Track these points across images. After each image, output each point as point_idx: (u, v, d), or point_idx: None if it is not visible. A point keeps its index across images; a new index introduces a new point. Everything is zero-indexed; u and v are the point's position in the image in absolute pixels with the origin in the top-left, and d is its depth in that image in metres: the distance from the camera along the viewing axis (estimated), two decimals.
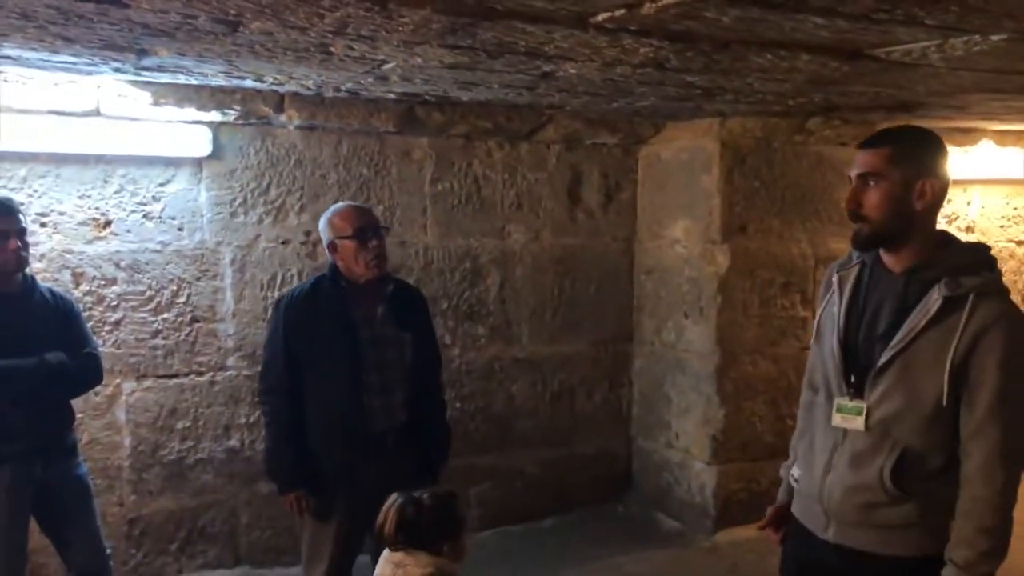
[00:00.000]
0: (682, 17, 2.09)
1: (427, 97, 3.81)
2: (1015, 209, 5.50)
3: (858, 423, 2.03)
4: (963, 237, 5.33)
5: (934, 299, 1.94)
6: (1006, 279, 5.52)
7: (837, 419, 2.08)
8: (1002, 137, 5.01)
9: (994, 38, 2.26)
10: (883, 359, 1.99)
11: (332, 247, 3.01)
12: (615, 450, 5.08)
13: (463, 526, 2.31)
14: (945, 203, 5.31)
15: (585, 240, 4.89)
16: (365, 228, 2.97)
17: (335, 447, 2.97)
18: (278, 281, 4.10)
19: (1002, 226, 5.48)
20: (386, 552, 2.26)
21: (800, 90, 3.29)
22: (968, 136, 4.93)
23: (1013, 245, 5.51)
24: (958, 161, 5.12)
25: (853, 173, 2.04)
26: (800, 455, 2.25)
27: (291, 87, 3.55)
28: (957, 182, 5.24)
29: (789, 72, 2.85)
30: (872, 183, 1.99)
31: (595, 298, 4.94)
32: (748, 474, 4.62)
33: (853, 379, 2.05)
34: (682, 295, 4.72)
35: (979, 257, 2.05)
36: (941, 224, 5.33)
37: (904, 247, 2.03)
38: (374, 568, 3.10)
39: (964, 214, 5.36)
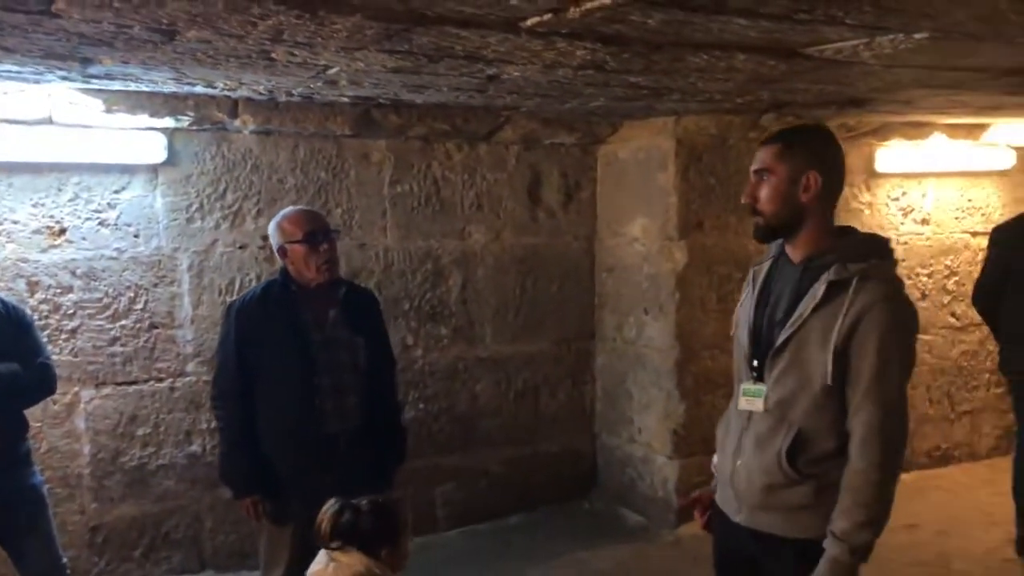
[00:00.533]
0: (609, 21, 2.13)
1: (381, 100, 3.83)
2: (969, 201, 5.59)
3: (758, 404, 2.14)
4: (918, 229, 5.47)
5: (821, 284, 2.04)
6: (962, 270, 5.62)
7: (743, 402, 2.20)
8: (953, 130, 5.09)
9: (917, 36, 2.31)
10: (778, 342, 2.10)
11: (282, 251, 3.02)
12: (579, 447, 5.13)
13: (403, 533, 2.31)
14: (900, 196, 5.38)
15: (546, 239, 4.93)
16: (315, 232, 2.98)
17: (288, 451, 2.99)
18: (236, 286, 4.11)
19: (956, 217, 5.56)
20: (319, 556, 2.28)
21: (744, 88, 3.34)
22: (920, 130, 5.01)
23: (968, 236, 5.59)
24: (911, 155, 5.21)
25: (752, 169, 2.17)
26: (718, 442, 2.35)
27: (243, 92, 3.56)
28: (911, 175, 5.35)
29: (728, 71, 2.90)
30: (764, 178, 2.14)
31: (557, 297, 4.98)
32: (709, 467, 4.66)
33: (756, 363, 2.17)
34: (642, 292, 4.77)
35: (871, 246, 2.14)
36: (896, 216, 5.45)
37: (800, 238, 2.14)
38: None
39: (919, 207, 5.44)
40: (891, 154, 5.19)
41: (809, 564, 2.04)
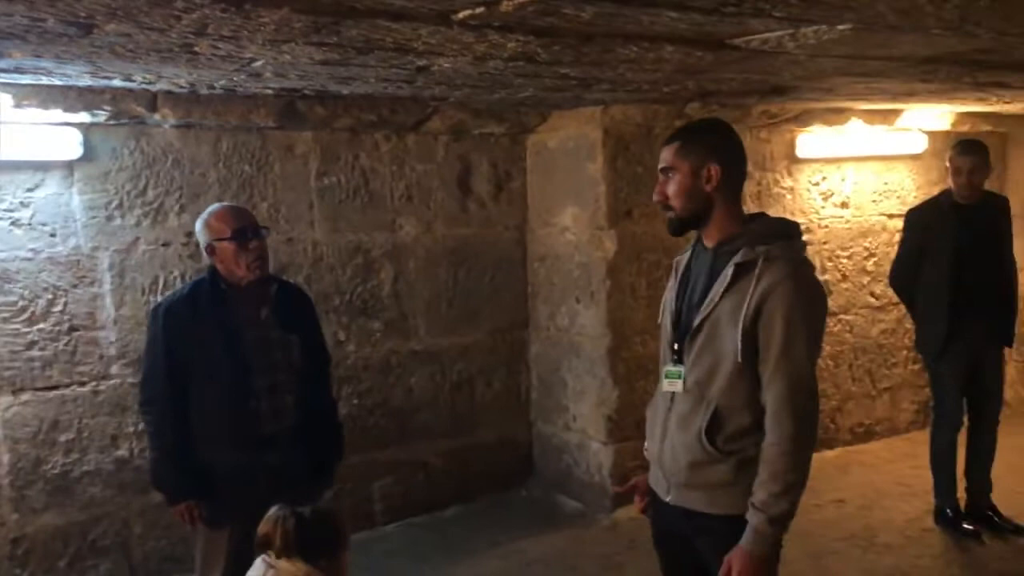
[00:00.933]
0: (542, 13, 2.13)
1: (307, 92, 3.76)
2: (885, 184, 5.77)
3: (679, 386, 2.23)
4: (838, 212, 5.63)
5: (729, 266, 2.14)
6: (880, 252, 5.81)
7: (665, 384, 2.29)
8: (870, 116, 5.24)
9: (840, 27, 2.36)
10: (694, 324, 2.20)
11: (210, 249, 2.94)
12: (516, 436, 5.15)
13: (343, 544, 2.29)
14: (821, 181, 5.52)
15: (478, 230, 4.92)
16: (244, 229, 2.91)
17: (224, 454, 2.92)
18: (160, 284, 3.99)
19: (874, 200, 5.74)
20: (259, 561, 2.25)
21: (672, 78, 3.38)
22: (839, 116, 5.15)
23: (885, 219, 5.78)
24: (831, 141, 5.35)
25: (658, 168, 2.27)
26: (648, 425, 2.44)
27: (163, 85, 3.45)
28: (831, 160, 5.49)
29: (657, 62, 2.93)
30: (670, 175, 2.23)
31: (490, 287, 4.98)
32: (643, 452, 4.73)
33: (676, 346, 2.26)
34: (573, 280, 4.80)
35: (777, 229, 2.25)
36: (817, 200, 5.59)
37: (710, 226, 2.24)
38: None
39: (839, 190, 5.59)
40: (812, 140, 5.33)
41: (736, 539, 2.12)
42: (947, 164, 4.27)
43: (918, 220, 4.41)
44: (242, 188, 4.18)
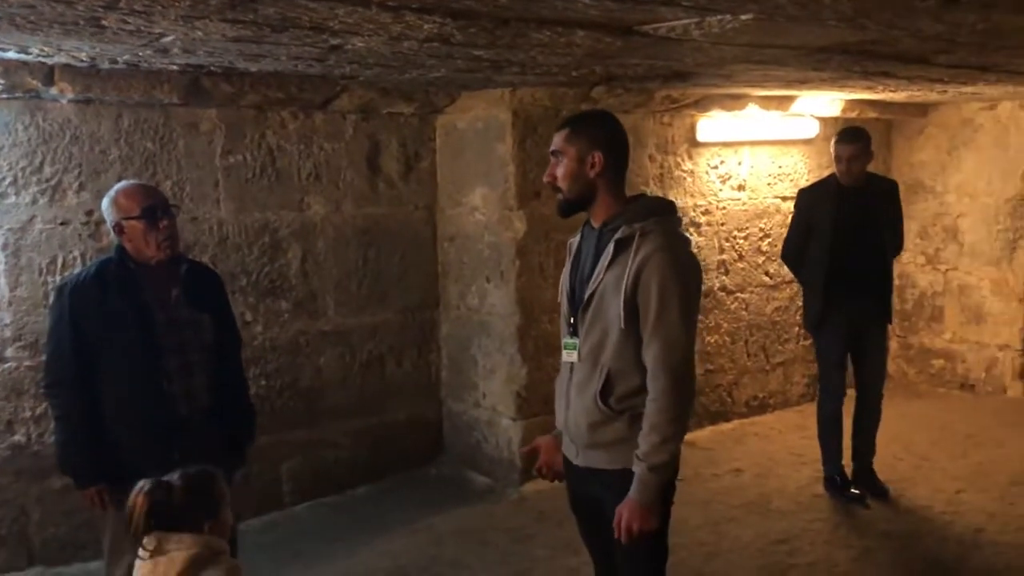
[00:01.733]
0: None
1: (213, 68, 3.68)
2: (780, 167, 6.03)
3: (575, 356, 2.44)
4: (735, 195, 5.84)
5: (611, 243, 2.34)
6: (774, 233, 6.05)
7: (564, 355, 2.49)
8: (766, 102, 5.46)
9: (743, 17, 2.48)
10: (584, 297, 2.40)
11: (119, 228, 2.87)
12: (426, 415, 5.19)
13: (222, 502, 2.23)
14: (719, 164, 5.73)
15: (387, 209, 4.92)
16: (154, 207, 2.85)
17: (136, 436, 2.87)
18: (59, 264, 3.87)
19: (769, 183, 5.99)
20: (140, 551, 2.11)
21: (581, 63, 3.46)
22: (737, 102, 5.34)
23: (779, 201, 6.03)
24: (729, 125, 5.55)
25: (549, 151, 2.46)
26: (556, 398, 2.61)
27: (61, 59, 3.33)
28: (728, 144, 5.69)
29: (568, 47, 3.00)
30: (559, 159, 2.42)
31: (400, 267, 4.99)
32: (551, 426, 4.81)
33: (572, 320, 2.45)
34: (483, 260, 4.86)
35: (653, 207, 2.43)
36: (715, 183, 5.79)
37: (595, 208, 2.42)
38: None
39: (736, 174, 5.81)
40: (711, 124, 5.52)
41: (628, 488, 2.33)
42: (831, 151, 4.52)
43: (805, 199, 4.68)
44: (145, 166, 4.07)
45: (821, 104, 5.71)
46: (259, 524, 4.43)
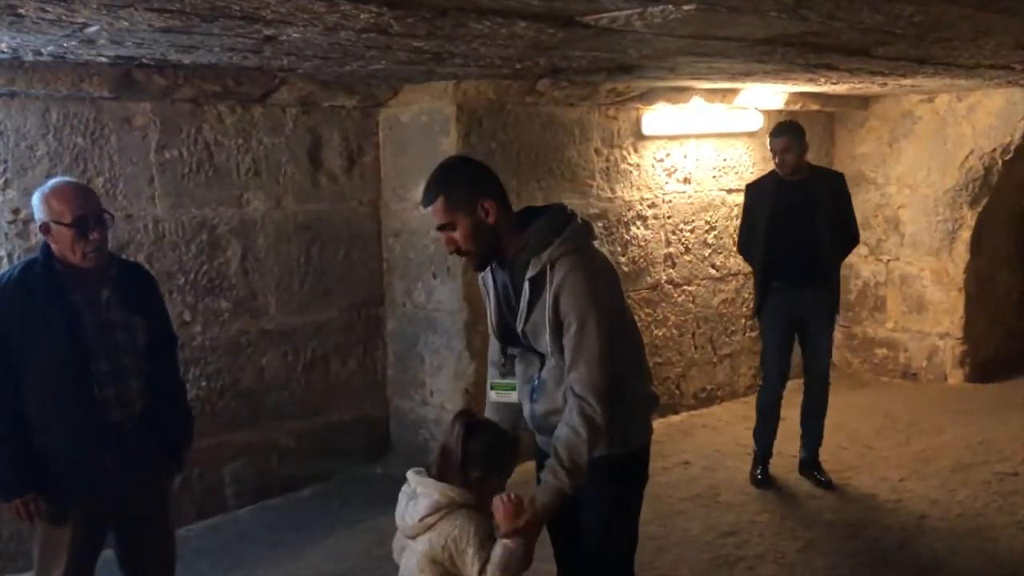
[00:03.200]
0: None
1: (145, 60, 3.56)
2: (724, 160, 6.05)
3: (512, 397, 2.45)
4: (681, 188, 5.85)
5: (525, 282, 2.31)
6: (719, 225, 6.10)
7: (493, 396, 2.50)
8: (711, 95, 5.47)
9: (685, 8, 2.45)
10: (518, 335, 2.38)
11: (45, 228, 2.73)
12: (372, 413, 5.11)
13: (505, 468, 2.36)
14: (664, 157, 5.74)
15: (330, 205, 4.83)
16: (86, 218, 2.69)
17: (67, 444, 2.74)
18: None
19: (714, 176, 6.01)
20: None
21: (524, 54, 3.41)
22: (682, 95, 5.34)
23: (724, 193, 6.06)
24: (674, 118, 5.55)
25: (436, 226, 2.39)
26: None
27: None
28: (674, 137, 5.70)
29: (510, 38, 2.95)
30: (451, 231, 2.34)
31: (344, 263, 4.90)
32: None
33: (504, 361, 2.46)
34: (429, 256, 4.79)
35: (552, 227, 2.35)
36: (661, 177, 5.79)
37: (503, 248, 2.38)
38: (120, 562, 2.95)
39: (681, 166, 5.82)
40: (656, 118, 5.51)
41: (603, 475, 2.37)
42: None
43: (749, 193, 4.80)
44: (75, 162, 3.93)
45: (765, 97, 5.74)
46: (201, 528, 4.33)
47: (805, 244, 4.51)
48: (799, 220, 4.51)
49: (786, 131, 4.50)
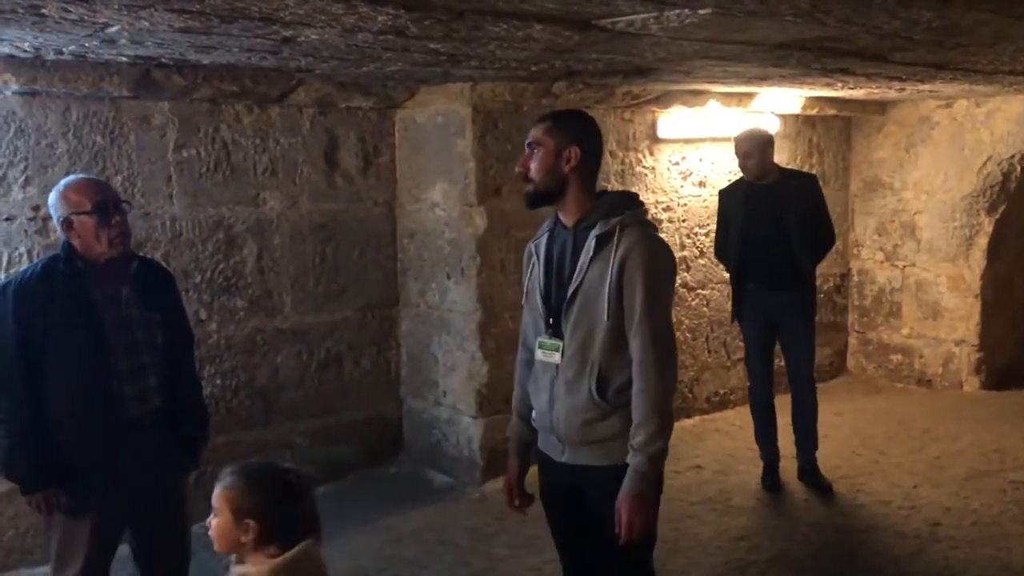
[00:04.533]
0: None
1: (164, 60, 3.59)
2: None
3: (556, 358, 2.42)
4: (696, 191, 5.85)
5: (591, 239, 2.35)
6: None
7: (540, 355, 2.47)
8: (727, 99, 5.46)
9: (701, 12, 2.46)
10: (567, 296, 2.39)
11: (67, 224, 2.76)
12: (385, 413, 5.13)
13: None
14: (680, 160, 5.74)
15: (345, 205, 4.85)
16: (105, 203, 2.75)
17: (85, 440, 2.77)
18: (4, 261, 3.76)
19: (729, 180, 5.97)
20: None
21: (540, 57, 3.43)
22: (697, 98, 5.33)
23: None
24: (689, 121, 5.55)
25: (526, 142, 2.45)
26: (532, 398, 2.57)
27: (4, 49, 3.22)
28: (689, 140, 5.69)
29: (526, 41, 2.96)
30: (535, 150, 2.41)
31: (359, 264, 4.93)
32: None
33: (551, 320, 2.43)
34: (444, 257, 4.81)
35: (625, 201, 2.47)
36: (676, 179, 5.79)
37: (567, 203, 2.43)
38: (135, 557, 2.98)
39: (697, 169, 5.81)
40: (672, 121, 5.51)
41: (619, 481, 2.34)
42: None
43: (723, 196, 4.90)
44: (94, 160, 3.97)
45: (781, 101, 5.73)
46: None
47: (777, 247, 4.53)
48: (769, 223, 4.55)
49: (748, 138, 4.60)
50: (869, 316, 6.89)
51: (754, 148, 4.55)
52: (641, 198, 2.54)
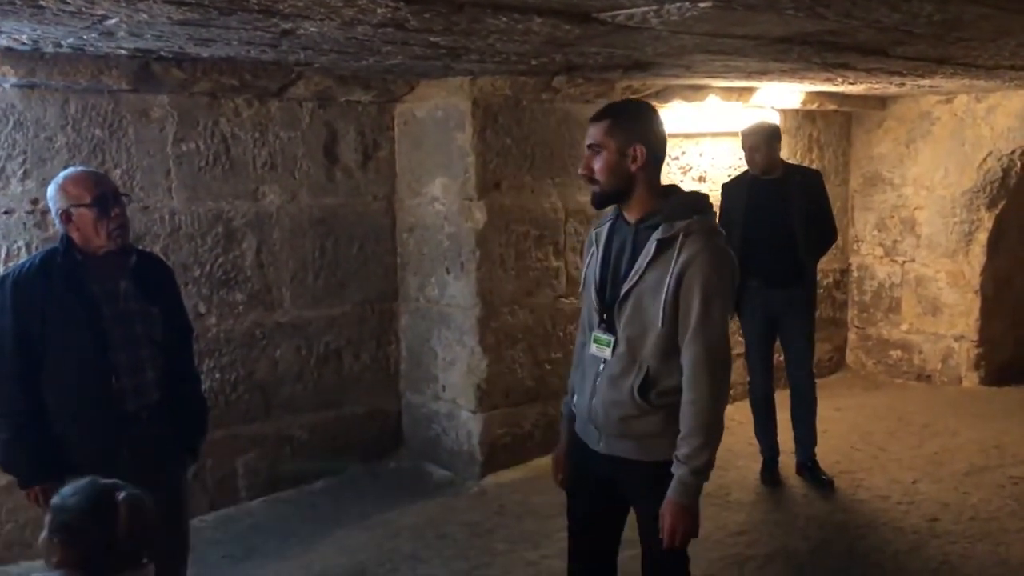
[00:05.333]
0: None
1: (163, 53, 3.58)
2: (740, 159, 5.98)
3: (607, 353, 2.41)
4: (696, 186, 5.83)
5: (652, 242, 2.32)
6: None
7: (593, 348, 2.47)
8: (727, 93, 5.45)
9: (701, 5, 2.45)
10: (621, 294, 2.37)
11: (66, 216, 2.75)
12: (385, 407, 5.13)
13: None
14: (680, 155, 5.74)
15: (345, 199, 4.84)
16: (105, 195, 2.75)
17: (85, 433, 2.77)
18: (3, 255, 3.76)
19: (730, 175, 5.96)
20: None
21: (540, 51, 3.41)
22: (698, 93, 5.32)
23: None
24: (689, 116, 5.54)
25: (586, 143, 2.40)
26: (576, 384, 2.61)
27: (2, 41, 3.21)
28: (689, 135, 5.69)
29: (526, 34, 2.95)
30: (597, 152, 2.36)
31: (358, 258, 4.92)
32: (511, 419, 4.83)
33: (604, 315, 2.43)
34: (443, 251, 4.80)
35: (693, 204, 2.43)
36: (676, 175, 5.77)
37: (632, 201, 2.40)
38: None
39: (696, 164, 5.81)
40: (672, 115, 5.49)
41: (658, 479, 2.37)
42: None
43: (726, 191, 4.86)
44: (93, 153, 3.96)
45: (782, 96, 5.71)
46: (213, 520, 4.36)
47: (781, 243, 4.52)
48: (774, 219, 4.53)
49: (757, 130, 4.58)
50: (869, 312, 6.89)
51: (761, 141, 4.53)
52: (711, 200, 2.49)
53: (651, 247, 2.31)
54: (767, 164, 4.56)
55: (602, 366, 2.43)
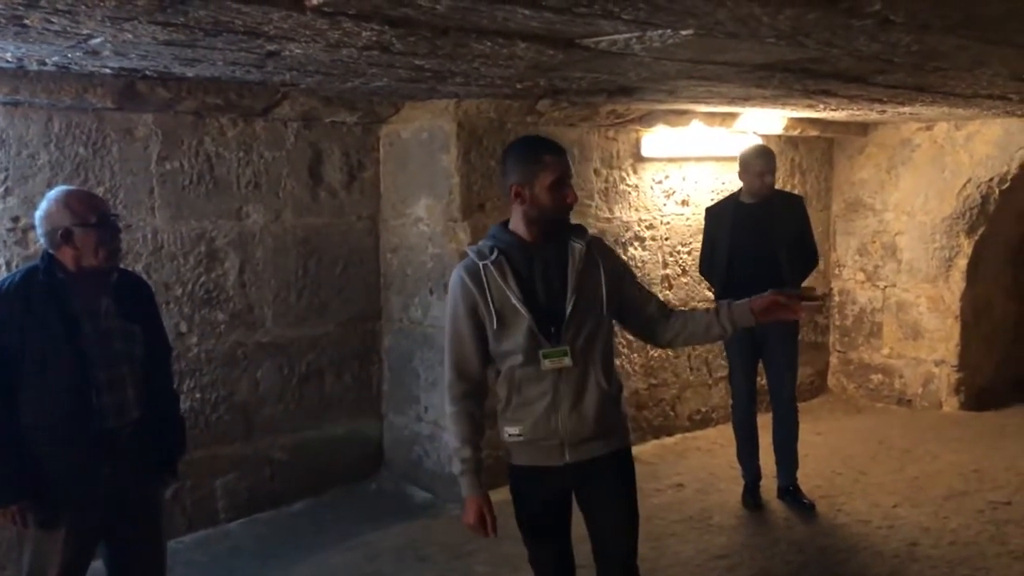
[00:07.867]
0: (397, 3, 2.13)
1: (148, 72, 3.59)
2: (723, 183, 6.06)
3: (567, 361, 2.52)
4: (679, 210, 5.85)
5: (578, 250, 2.55)
6: None
7: (546, 364, 2.52)
8: (710, 118, 5.50)
9: (683, 33, 2.48)
10: (571, 303, 2.52)
11: (66, 234, 2.72)
12: (366, 429, 5.11)
13: None
14: (663, 179, 5.75)
15: (329, 219, 4.84)
16: (107, 216, 2.79)
17: (62, 452, 2.75)
18: None
19: (712, 199, 6.00)
20: None
21: (524, 75, 3.44)
22: (681, 118, 5.37)
23: None
24: (673, 141, 5.59)
25: (567, 176, 2.57)
26: (511, 417, 2.65)
27: None
28: (673, 159, 5.72)
29: (510, 58, 2.98)
30: (570, 183, 2.60)
31: (341, 278, 4.92)
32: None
33: (552, 329, 2.51)
34: (427, 272, 4.81)
35: (579, 224, 2.69)
36: (659, 198, 5.79)
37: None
38: (108, 572, 2.94)
39: (680, 188, 5.85)
40: (655, 140, 5.54)
41: (619, 463, 2.65)
42: (752, 165, 4.61)
43: (709, 215, 4.88)
44: (76, 171, 3.95)
45: (764, 121, 5.77)
46: (191, 541, 4.32)
47: (765, 266, 4.52)
48: (758, 242, 4.56)
49: (764, 154, 4.62)
50: (850, 336, 6.93)
51: (767, 167, 4.56)
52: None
53: (580, 255, 2.55)
54: (771, 188, 4.59)
55: (559, 376, 2.52)
